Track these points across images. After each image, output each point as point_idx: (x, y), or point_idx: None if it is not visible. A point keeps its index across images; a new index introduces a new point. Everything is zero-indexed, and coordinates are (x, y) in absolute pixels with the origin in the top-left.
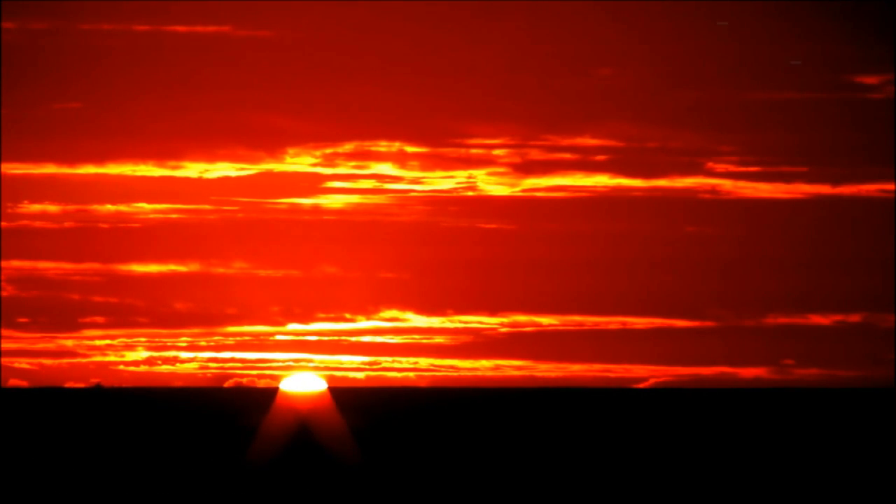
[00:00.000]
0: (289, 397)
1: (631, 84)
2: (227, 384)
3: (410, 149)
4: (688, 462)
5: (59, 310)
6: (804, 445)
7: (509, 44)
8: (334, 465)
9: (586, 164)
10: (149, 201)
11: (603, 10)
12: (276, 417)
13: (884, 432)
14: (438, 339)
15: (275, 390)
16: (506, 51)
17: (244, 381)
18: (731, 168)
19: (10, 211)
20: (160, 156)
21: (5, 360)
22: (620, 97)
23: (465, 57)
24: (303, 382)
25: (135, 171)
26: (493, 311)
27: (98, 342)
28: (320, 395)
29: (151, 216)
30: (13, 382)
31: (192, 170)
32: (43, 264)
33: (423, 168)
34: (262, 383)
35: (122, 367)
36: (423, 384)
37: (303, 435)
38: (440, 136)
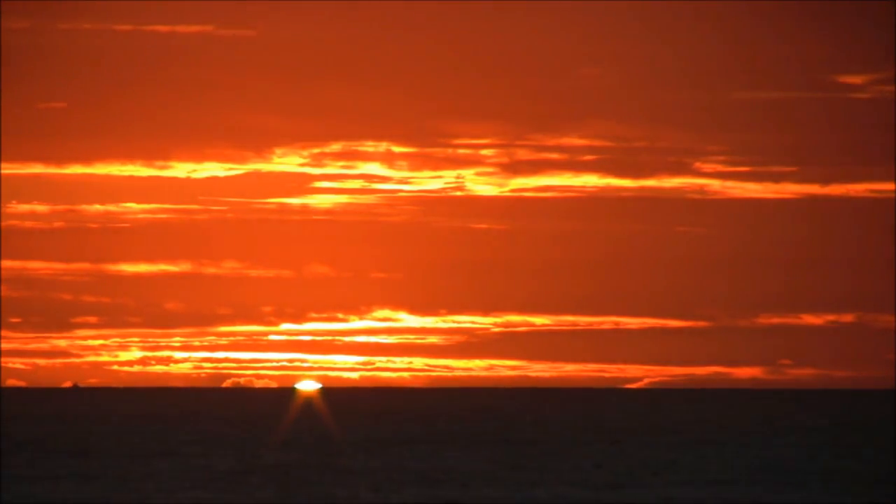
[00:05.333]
0: (300, 397)
1: (618, 83)
2: (225, 384)
3: (398, 148)
4: (684, 461)
5: (51, 310)
6: (801, 445)
7: (495, 44)
8: (333, 464)
9: (574, 164)
10: (137, 201)
11: (589, 10)
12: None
13: (880, 432)
14: (432, 339)
15: (276, 390)
16: (492, 51)
17: (242, 381)
18: (720, 168)
19: None
20: (148, 155)
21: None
22: (607, 97)
23: (452, 57)
24: (308, 386)
25: (122, 170)
26: (486, 311)
27: (91, 342)
28: (316, 396)
29: (140, 216)
30: (11, 382)
31: (181, 169)
32: (33, 264)
33: (412, 168)
34: (260, 383)
35: (116, 367)
36: (417, 384)
37: (304, 433)
38: (427, 135)
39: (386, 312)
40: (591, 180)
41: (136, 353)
